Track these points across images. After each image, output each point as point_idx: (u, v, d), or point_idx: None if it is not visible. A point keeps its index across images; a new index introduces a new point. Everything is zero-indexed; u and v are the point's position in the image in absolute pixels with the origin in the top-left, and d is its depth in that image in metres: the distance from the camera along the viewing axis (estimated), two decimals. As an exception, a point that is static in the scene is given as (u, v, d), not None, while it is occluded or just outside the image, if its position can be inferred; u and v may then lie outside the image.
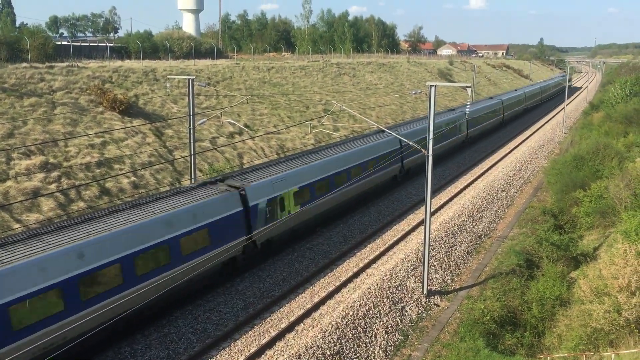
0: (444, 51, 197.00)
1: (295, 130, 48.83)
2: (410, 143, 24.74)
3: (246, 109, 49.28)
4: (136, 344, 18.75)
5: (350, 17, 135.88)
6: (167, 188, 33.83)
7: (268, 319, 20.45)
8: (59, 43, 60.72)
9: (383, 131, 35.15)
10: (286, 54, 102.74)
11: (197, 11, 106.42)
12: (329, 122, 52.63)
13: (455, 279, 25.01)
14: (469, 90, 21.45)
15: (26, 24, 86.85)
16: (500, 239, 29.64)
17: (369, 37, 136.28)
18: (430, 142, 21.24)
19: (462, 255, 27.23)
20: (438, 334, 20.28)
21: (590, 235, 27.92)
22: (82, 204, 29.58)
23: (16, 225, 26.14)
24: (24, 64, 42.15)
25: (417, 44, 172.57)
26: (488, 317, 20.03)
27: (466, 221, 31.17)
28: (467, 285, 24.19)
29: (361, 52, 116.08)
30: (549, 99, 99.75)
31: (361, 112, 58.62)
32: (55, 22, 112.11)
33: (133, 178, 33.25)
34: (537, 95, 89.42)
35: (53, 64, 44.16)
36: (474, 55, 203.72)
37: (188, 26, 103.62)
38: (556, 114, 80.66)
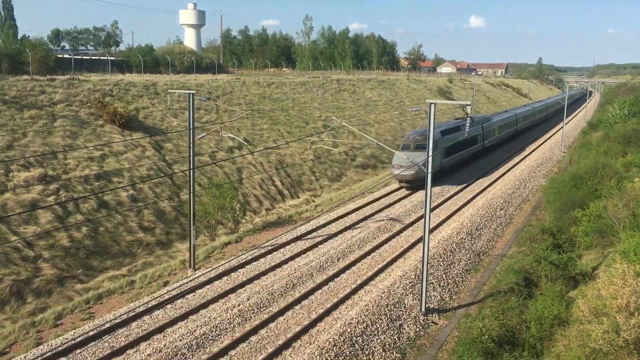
0: (444, 69, 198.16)
1: (294, 145, 48.87)
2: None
3: (246, 123, 49.39)
4: (129, 358, 18.58)
5: (350, 34, 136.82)
6: (166, 203, 33.80)
7: (265, 335, 20.29)
8: (61, 56, 60.99)
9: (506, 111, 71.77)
10: (286, 69, 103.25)
11: (198, 26, 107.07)
12: (328, 137, 52.72)
13: (454, 297, 24.89)
14: (468, 108, 21.53)
15: (28, 36, 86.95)
16: (498, 257, 29.56)
17: (369, 54, 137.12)
18: (430, 159, 21.24)
19: (460, 273, 27.13)
20: (436, 353, 20.15)
21: (589, 255, 27.82)
22: (80, 217, 29.51)
23: (13, 237, 26.06)
24: (25, 76, 42.35)
25: (417, 61, 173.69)
26: (486, 336, 19.87)
27: (465, 239, 31.10)
28: (465, 304, 24.07)
29: (361, 69, 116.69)
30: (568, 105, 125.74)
31: (360, 128, 58.74)
32: (57, 35, 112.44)
33: (132, 191, 33.24)
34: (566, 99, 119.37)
35: (54, 76, 44.38)
36: (473, 73, 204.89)
37: (189, 41, 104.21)
38: (555, 132, 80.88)
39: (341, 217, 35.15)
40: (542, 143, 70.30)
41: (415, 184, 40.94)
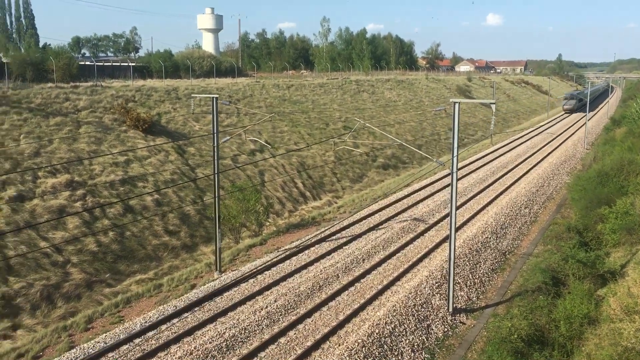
0: (462, 68, 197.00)
1: (315, 147, 49.00)
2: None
3: (267, 126, 49.63)
4: (162, 361, 18.79)
5: (367, 35, 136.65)
6: (190, 206, 34.09)
7: (293, 337, 20.38)
8: (82, 63, 61.83)
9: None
10: (305, 71, 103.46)
11: (216, 30, 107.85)
12: (349, 138, 52.76)
13: (481, 297, 24.78)
14: (493, 106, 21.43)
15: (49, 44, 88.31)
16: (524, 256, 29.35)
17: (387, 54, 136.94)
18: (455, 159, 21.19)
19: (486, 273, 26.99)
20: (465, 353, 20.08)
21: (617, 252, 27.51)
22: (106, 222, 29.91)
23: (42, 243, 26.50)
24: (49, 84, 43.03)
25: (435, 60, 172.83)
26: (515, 336, 19.75)
27: (490, 238, 30.94)
28: (492, 303, 23.95)
29: (379, 69, 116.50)
30: (601, 93, 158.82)
31: (381, 128, 58.69)
32: (77, 43, 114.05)
33: (156, 196, 33.58)
34: (602, 88, 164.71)
35: (77, 83, 45.00)
36: (492, 71, 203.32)
37: (208, 45, 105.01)
38: (578, 129, 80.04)
39: (364, 217, 35.16)
40: (570, 136, 69.60)
41: (571, 112, 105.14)
